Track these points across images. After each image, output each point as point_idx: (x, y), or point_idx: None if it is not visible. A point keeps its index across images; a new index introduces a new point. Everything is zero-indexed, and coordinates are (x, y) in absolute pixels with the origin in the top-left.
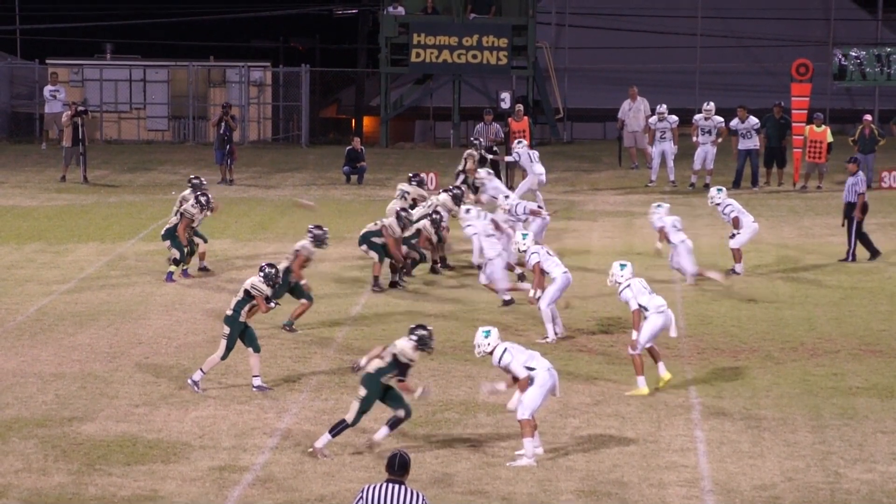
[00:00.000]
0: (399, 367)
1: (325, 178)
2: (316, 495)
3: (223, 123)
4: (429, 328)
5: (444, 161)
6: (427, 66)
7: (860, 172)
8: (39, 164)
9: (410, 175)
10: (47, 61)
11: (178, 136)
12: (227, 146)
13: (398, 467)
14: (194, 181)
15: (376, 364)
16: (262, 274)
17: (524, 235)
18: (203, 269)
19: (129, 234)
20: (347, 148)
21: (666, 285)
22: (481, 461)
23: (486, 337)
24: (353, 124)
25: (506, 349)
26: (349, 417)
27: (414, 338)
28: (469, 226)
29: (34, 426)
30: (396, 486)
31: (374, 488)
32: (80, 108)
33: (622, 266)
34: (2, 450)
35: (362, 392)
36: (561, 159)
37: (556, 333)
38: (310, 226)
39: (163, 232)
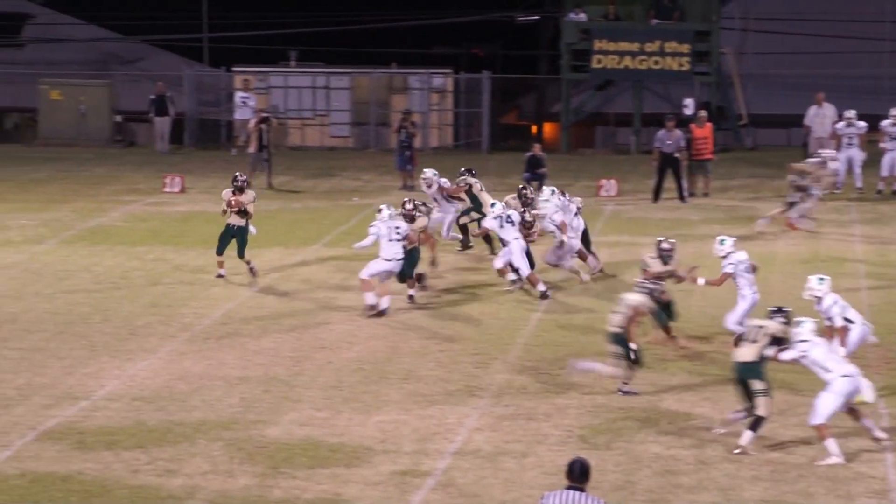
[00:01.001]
0: (774, 342)
1: (505, 184)
2: (497, 501)
3: (403, 130)
4: (785, 309)
5: (625, 168)
6: (608, 73)
7: None
8: (225, 170)
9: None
10: (233, 69)
11: (360, 142)
12: (408, 152)
13: (579, 474)
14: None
15: (752, 353)
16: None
17: (723, 241)
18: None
19: (312, 240)
20: (528, 154)
21: (853, 294)
22: (663, 469)
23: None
24: (534, 130)
25: (809, 341)
26: (764, 412)
27: (780, 318)
28: (372, 225)
29: (220, 429)
30: (577, 493)
31: (556, 495)
32: (265, 115)
33: (821, 280)
34: (189, 451)
35: (759, 385)
36: (744, 166)
37: None
38: None
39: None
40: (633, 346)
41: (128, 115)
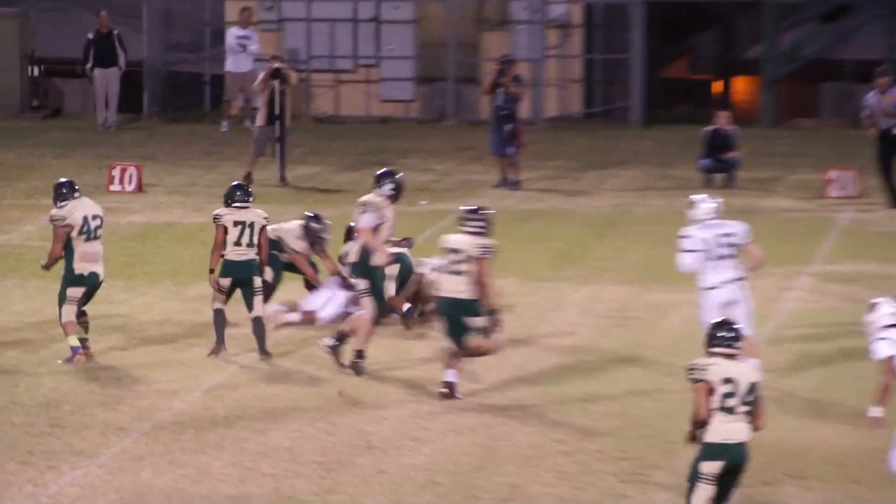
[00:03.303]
0: None
1: (669, 177)
2: None
3: (502, 90)
4: None
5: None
6: None
7: None
8: (210, 154)
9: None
10: None
11: (431, 109)
12: (509, 126)
13: None
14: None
15: None
16: None
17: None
18: None
19: None
20: (708, 129)
21: None
22: None
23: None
24: (717, 89)
25: None
26: None
27: None
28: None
29: None
30: None
31: None
32: (278, 66)
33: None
34: None
35: None
36: None
37: None
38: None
39: None
40: None
41: (51, 66)
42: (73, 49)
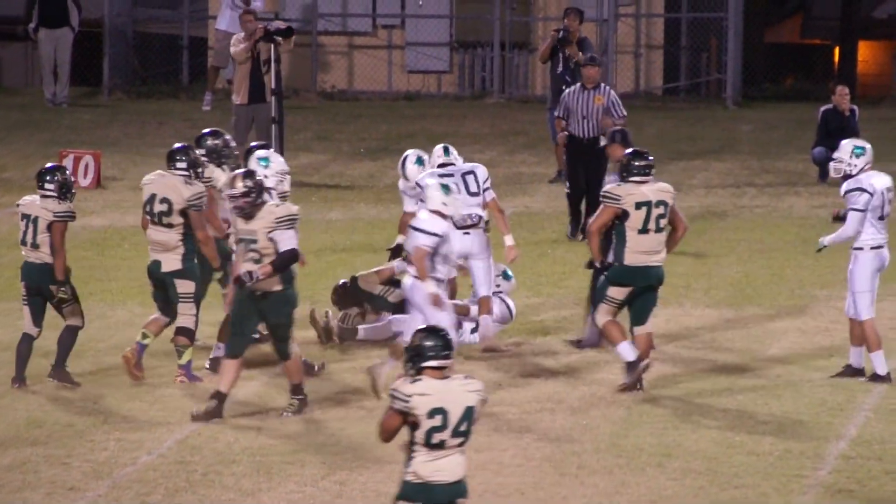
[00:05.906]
0: None
1: (773, 171)
2: None
3: (562, 56)
4: None
5: None
6: None
7: None
8: (189, 140)
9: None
10: None
11: (470, 82)
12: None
13: None
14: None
15: None
16: None
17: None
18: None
19: None
20: (823, 108)
21: None
22: None
23: None
24: (836, 58)
25: None
26: None
27: None
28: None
29: None
30: None
31: None
32: (273, 27)
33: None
34: None
35: None
36: None
37: None
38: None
39: None
40: None
41: None
42: (12, 4)
